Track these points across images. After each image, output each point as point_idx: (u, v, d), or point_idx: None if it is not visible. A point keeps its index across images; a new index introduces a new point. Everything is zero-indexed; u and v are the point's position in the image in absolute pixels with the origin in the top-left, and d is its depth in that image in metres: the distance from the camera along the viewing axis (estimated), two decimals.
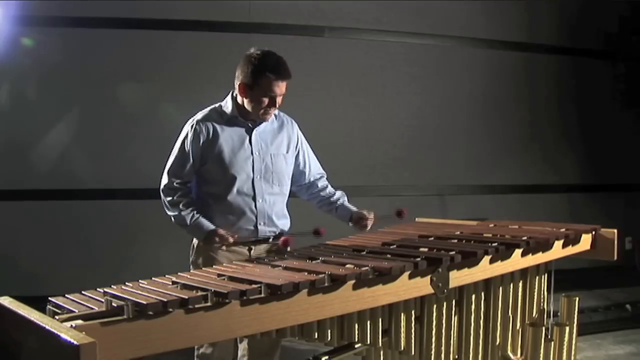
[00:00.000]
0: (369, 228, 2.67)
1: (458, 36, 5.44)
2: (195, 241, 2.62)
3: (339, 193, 2.81)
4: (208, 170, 2.55)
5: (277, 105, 2.53)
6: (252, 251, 2.58)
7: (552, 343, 2.64)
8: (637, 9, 5.76)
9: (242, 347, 2.66)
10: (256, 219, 2.57)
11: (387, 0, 5.20)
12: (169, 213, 2.56)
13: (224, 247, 2.50)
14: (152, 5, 4.73)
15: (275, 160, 2.61)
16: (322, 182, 2.83)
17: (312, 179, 2.80)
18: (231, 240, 2.48)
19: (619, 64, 5.89)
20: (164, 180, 2.57)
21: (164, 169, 2.59)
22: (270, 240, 2.63)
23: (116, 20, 4.68)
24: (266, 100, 2.47)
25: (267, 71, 2.44)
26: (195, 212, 2.52)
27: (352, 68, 5.20)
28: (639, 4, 5.75)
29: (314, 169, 2.81)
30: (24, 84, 4.61)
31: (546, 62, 5.76)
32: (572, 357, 2.73)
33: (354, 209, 2.74)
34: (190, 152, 2.52)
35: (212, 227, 2.50)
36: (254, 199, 2.56)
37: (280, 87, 2.48)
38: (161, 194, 2.58)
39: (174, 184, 2.55)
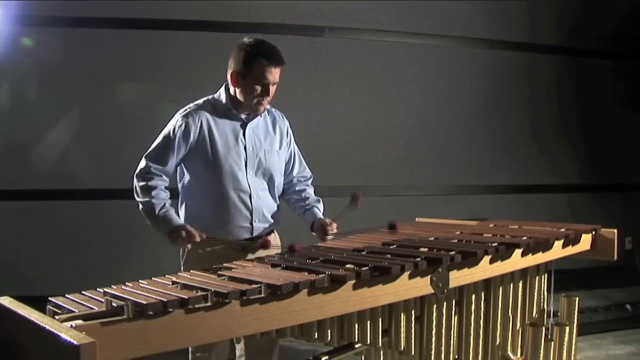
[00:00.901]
0: (329, 238, 2.52)
1: (458, 36, 5.44)
2: None
3: (313, 198, 2.71)
4: (200, 165, 2.46)
5: (271, 95, 2.45)
6: (245, 250, 2.51)
7: (552, 343, 2.64)
8: (636, 10, 5.76)
9: (240, 348, 2.63)
10: (251, 215, 2.50)
11: (387, 0, 5.20)
12: (138, 199, 2.41)
13: (188, 246, 2.38)
14: (152, 5, 4.73)
15: (269, 156, 2.55)
16: (301, 186, 2.73)
17: (294, 180, 2.73)
18: (198, 238, 2.33)
19: (619, 64, 5.89)
20: (141, 164, 2.45)
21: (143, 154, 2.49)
22: (262, 237, 2.54)
23: (116, 20, 4.68)
24: (259, 89, 2.40)
25: (260, 57, 2.37)
26: (167, 203, 2.39)
27: (352, 68, 5.20)
28: (639, 4, 5.75)
29: (297, 170, 2.73)
30: (24, 84, 4.61)
31: (546, 62, 5.76)
32: (572, 357, 2.73)
33: (319, 216, 2.61)
34: (176, 143, 2.42)
35: (180, 222, 2.36)
36: (250, 195, 2.49)
37: (274, 74, 2.40)
38: (134, 178, 2.44)
39: (151, 169, 2.42)
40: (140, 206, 2.42)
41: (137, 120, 4.76)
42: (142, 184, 2.41)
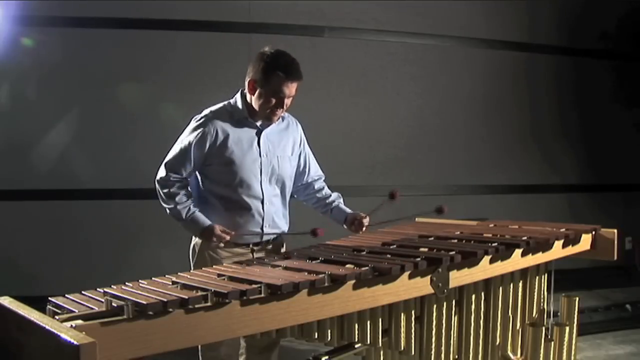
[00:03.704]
0: (364, 230, 2.64)
1: (458, 36, 5.44)
2: (195, 242, 2.59)
3: (334, 195, 2.80)
4: (215, 171, 2.50)
5: (285, 108, 2.49)
6: (254, 253, 2.56)
7: (552, 343, 2.64)
8: (636, 9, 5.76)
9: (241, 345, 2.66)
10: (262, 221, 2.56)
11: (387, 0, 5.20)
12: (165, 205, 2.50)
13: (221, 245, 2.47)
14: (152, 5, 4.73)
15: (282, 162, 2.60)
16: (319, 184, 2.81)
17: (309, 180, 2.79)
18: (228, 238, 2.44)
19: (619, 64, 5.89)
20: (161, 172, 2.51)
21: (163, 160, 2.53)
22: (271, 241, 2.63)
23: (116, 20, 4.68)
24: (274, 101, 2.44)
25: (279, 70, 2.40)
26: (191, 206, 2.48)
27: (352, 68, 5.20)
28: (639, 4, 5.75)
29: (313, 170, 2.79)
30: (24, 84, 4.61)
31: (546, 62, 5.76)
32: (572, 357, 2.73)
33: (349, 210, 2.72)
34: (192, 152, 2.46)
35: (208, 222, 2.45)
36: (262, 201, 2.54)
37: (290, 88, 2.44)
38: (156, 184, 2.52)
39: (170, 178, 2.49)
40: (167, 212, 2.52)
41: (137, 120, 4.76)
42: (164, 190, 2.50)
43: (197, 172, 2.56)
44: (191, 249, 2.61)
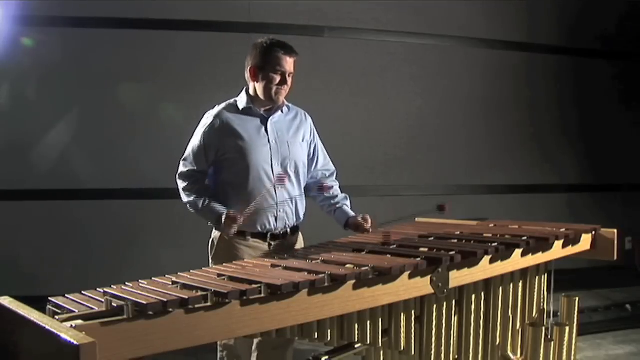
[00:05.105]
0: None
1: (458, 36, 5.44)
2: (214, 236, 2.64)
3: (341, 196, 2.83)
4: (227, 161, 2.58)
5: (288, 85, 2.58)
6: (272, 246, 2.60)
7: (552, 343, 2.64)
8: (636, 9, 5.76)
9: (256, 341, 2.67)
10: (277, 206, 2.60)
11: (387, 0, 5.20)
12: (184, 200, 2.61)
13: (233, 231, 2.49)
14: (152, 5, 4.73)
15: (292, 148, 2.65)
16: (329, 182, 2.84)
17: (319, 176, 2.82)
18: (240, 220, 2.46)
19: (619, 64, 5.89)
20: (180, 167, 2.65)
21: (181, 156, 2.64)
22: (288, 234, 2.66)
23: (116, 20, 4.68)
24: (277, 78, 2.54)
25: (275, 47, 2.55)
26: (206, 197, 2.57)
27: (352, 68, 5.20)
28: (639, 4, 5.75)
29: (322, 164, 2.83)
30: (24, 84, 4.61)
31: (546, 62, 5.76)
32: (572, 357, 2.73)
33: (351, 214, 2.75)
34: (205, 144, 2.57)
35: (223, 210, 2.52)
36: (275, 186, 2.59)
37: (289, 63, 2.56)
38: (177, 179, 2.65)
39: (188, 170, 2.62)
40: (187, 206, 2.62)
41: (137, 120, 4.76)
42: (183, 185, 2.63)
43: (214, 166, 2.63)
44: (210, 242, 2.66)
